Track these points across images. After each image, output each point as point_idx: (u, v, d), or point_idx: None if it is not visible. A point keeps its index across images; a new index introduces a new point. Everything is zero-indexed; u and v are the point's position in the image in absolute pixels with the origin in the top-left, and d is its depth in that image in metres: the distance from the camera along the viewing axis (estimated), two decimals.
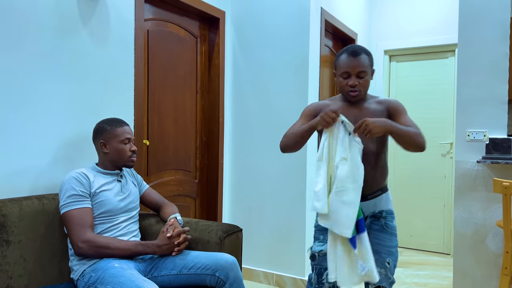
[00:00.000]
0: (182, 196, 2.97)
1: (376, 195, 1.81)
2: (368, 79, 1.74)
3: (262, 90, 3.14)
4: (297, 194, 3.01)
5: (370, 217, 1.81)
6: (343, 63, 1.73)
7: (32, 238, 1.74)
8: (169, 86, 2.81)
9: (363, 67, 1.71)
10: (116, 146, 1.89)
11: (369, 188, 1.77)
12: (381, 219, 1.81)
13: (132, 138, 1.94)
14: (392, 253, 1.80)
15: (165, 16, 2.78)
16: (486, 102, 2.56)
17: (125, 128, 1.91)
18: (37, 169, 1.94)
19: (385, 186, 1.85)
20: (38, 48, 1.93)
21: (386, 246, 1.79)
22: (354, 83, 1.71)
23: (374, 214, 1.81)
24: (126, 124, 1.94)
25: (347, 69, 1.72)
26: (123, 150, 1.89)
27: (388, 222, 1.81)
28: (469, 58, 2.63)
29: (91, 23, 2.17)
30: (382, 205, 1.82)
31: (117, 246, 1.72)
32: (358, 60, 1.70)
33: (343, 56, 1.74)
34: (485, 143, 2.53)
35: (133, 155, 1.93)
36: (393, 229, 1.82)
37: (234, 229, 1.99)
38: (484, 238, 2.57)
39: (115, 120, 1.93)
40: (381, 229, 1.80)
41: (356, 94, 1.73)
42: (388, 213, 1.83)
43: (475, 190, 2.58)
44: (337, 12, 3.51)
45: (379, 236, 1.79)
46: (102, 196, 1.82)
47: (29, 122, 1.90)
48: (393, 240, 1.81)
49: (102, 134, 1.90)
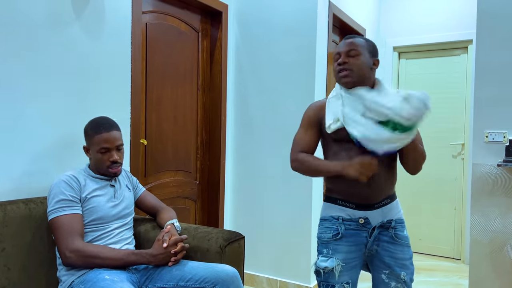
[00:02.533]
0: (182, 198, 2.83)
1: (384, 204, 1.64)
2: (363, 60, 1.56)
3: (266, 88, 2.99)
4: (302, 196, 2.87)
5: (378, 228, 1.62)
6: (336, 48, 1.62)
7: (17, 245, 1.62)
8: (169, 82, 2.67)
9: (354, 46, 1.56)
10: (94, 154, 1.73)
11: (376, 196, 1.60)
12: (390, 229, 1.63)
13: (113, 147, 1.72)
14: (406, 266, 1.63)
15: (165, 9, 2.64)
16: (506, 101, 2.41)
17: (104, 135, 1.70)
18: (23, 170, 1.80)
19: (393, 194, 1.69)
20: (26, 41, 1.79)
21: (399, 259, 1.62)
22: (343, 60, 1.55)
23: (382, 224, 1.63)
24: (109, 129, 1.71)
25: (338, 50, 1.59)
26: (100, 160, 1.72)
27: (398, 232, 1.64)
28: (487, 55, 2.47)
29: (84, 15, 2.03)
30: (390, 214, 1.65)
31: (108, 255, 1.59)
32: (349, 40, 1.58)
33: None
34: (505, 145, 2.38)
35: (112, 166, 1.74)
36: (404, 239, 1.65)
37: (236, 236, 1.85)
38: (502, 246, 2.42)
39: (100, 123, 1.73)
40: (391, 240, 1.63)
41: (345, 73, 1.55)
42: (397, 222, 1.66)
43: (493, 195, 2.43)
44: (346, 6, 3.36)
45: (390, 248, 1.63)
46: (93, 202, 1.68)
47: (16, 120, 1.76)
48: (405, 252, 1.63)
49: (85, 138, 1.76)
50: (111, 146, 1.72)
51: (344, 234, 1.60)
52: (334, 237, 1.61)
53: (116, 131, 1.74)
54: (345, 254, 1.60)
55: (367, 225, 1.60)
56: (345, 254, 1.60)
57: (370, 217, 1.60)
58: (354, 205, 1.61)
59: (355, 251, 1.61)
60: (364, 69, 1.56)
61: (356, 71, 1.55)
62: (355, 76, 1.55)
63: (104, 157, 1.72)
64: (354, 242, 1.61)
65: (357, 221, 1.60)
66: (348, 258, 1.60)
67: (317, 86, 2.86)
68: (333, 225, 1.62)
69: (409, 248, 1.65)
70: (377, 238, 1.62)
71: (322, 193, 3.03)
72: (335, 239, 1.61)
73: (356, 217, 1.60)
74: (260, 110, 3.02)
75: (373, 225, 1.61)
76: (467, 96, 3.84)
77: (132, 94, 2.29)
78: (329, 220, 1.64)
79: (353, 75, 1.55)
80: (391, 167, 1.65)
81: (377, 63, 1.61)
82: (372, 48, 1.60)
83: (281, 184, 2.94)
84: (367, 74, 1.57)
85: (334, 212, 1.64)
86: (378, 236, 1.62)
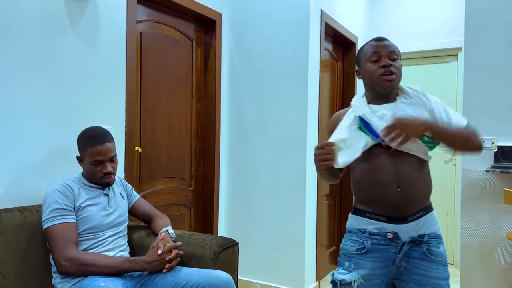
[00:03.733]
0: (177, 205, 2.85)
1: (418, 216, 1.46)
2: (400, 67, 1.48)
3: (259, 95, 3.03)
4: (296, 203, 2.89)
5: (409, 243, 1.45)
6: (370, 48, 1.49)
7: (12, 253, 1.62)
8: (163, 90, 2.70)
9: (393, 49, 1.47)
10: (87, 165, 1.75)
11: (409, 207, 1.44)
12: (423, 244, 1.45)
13: (106, 159, 1.73)
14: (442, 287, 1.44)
15: (159, 18, 2.67)
16: (494, 108, 2.46)
17: (97, 148, 1.71)
18: (19, 179, 1.82)
19: (429, 205, 1.50)
20: (22, 50, 1.81)
21: (432, 278, 1.43)
22: (387, 62, 1.44)
23: (414, 239, 1.45)
24: (102, 141, 1.72)
25: (376, 49, 1.47)
26: (93, 171, 1.75)
27: (432, 248, 1.45)
28: (475, 62, 2.53)
29: (79, 24, 2.05)
30: (424, 228, 1.47)
31: (103, 263, 1.60)
32: (388, 43, 1.48)
33: (369, 43, 1.51)
34: (493, 151, 2.43)
35: (106, 177, 1.76)
36: (439, 256, 1.45)
37: (230, 243, 1.87)
38: (492, 250, 2.46)
39: (92, 135, 1.74)
40: (423, 257, 1.45)
41: (392, 77, 1.43)
42: (432, 237, 1.47)
43: (483, 200, 2.47)
44: (338, 15, 3.41)
45: (422, 265, 1.45)
46: (87, 212, 1.70)
47: (11, 128, 1.78)
48: (440, 270, 1.44)
49: (78, 149, 1.78)
50: (104, 159, 1.73)
51: (371, 249, 1.47)
52: (358, 251, 1.49)
53: (109, 142, 1.75)
54: (369, 270, 1.46)
55: (396, 240, 1.45)
56: (369, 270, 1.46)
57: (400, 231, 1.45)
58: (385, 218, 1.46)
59: (381, 267, 1.47)
60: (401, 74, 1.50)
61: (399, 75, 1.47)
62: (398, 81, 1.48)
63: (97, 169, 1.73)
64: (381, 258, 1.47)
65: (385, 236, 1.46)
66: (371, 275, 1.46)
67: (310, 94, 2.90)
68: (359, 239, 1.49)
69: (445, 267, 1.47)
70: (407, 254, 1.46)
71: (316, 199, 3.05)
72: (359, 253, 1.48)
73: (385, 231, 1.46)
74: (253, 118, 3.05)
75: (403, 240, 1.45)
76: (458, 103, 3.89)
77: (127, 102, 2.31)
78: (355, 233, 1.52)
79: (397, 80, 1.47)
80: (422, 173, 1.48)
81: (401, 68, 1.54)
82: (400, 53, 1.53)
83: (275, 191, 2.97)
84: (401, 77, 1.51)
85: (361, 225, 1.51)
86: (408, 252, 1.45)
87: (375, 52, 1.47)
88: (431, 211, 1.51)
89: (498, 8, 2.47)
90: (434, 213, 1.53)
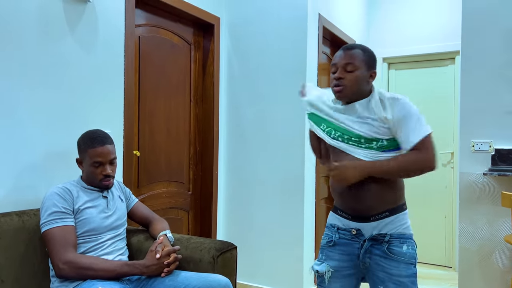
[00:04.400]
0: (175, 209, 2.85)
1: (382, 217, 1.53)
2: (359, 75, 1.50)
3: (258, 99, 3.04)
4: (294, 206, 2.89)
5: (369, 240, 1.54)
6: (333, 58, 1.58)
7: (11, 257, 1.62)
8: (162, 94, 2.70)
9: (351, 59, 1.50)
10: (87, 167, 1.76)
11: (368, 208, 1.53)
12: (384, 243, 1.52)
13: (106, 161, 1.74)
14: (404, 284, 1.50)
15: (158, 22, 2.68)
16: (491, 111, 2.47)
17: (97, 150, 1.72)
18: (16, 182, 1.82)
19: (395, 207, 1.54)
20: (20, 54, 1.81)
21: (394, 275, 1.50)
22: (339, 75, 1.51)
23: (374, 237, 1.54)
24: (103, 143, 1.73)
25: (334, 61, 1.55)
26: (93, 173, 1.75)
27: (392, 247, 1.51)
28: (472, 66, 2.54)
29: (78, 29, 2.06)
30: (387, 228, 1.53)
31: (101, 267, 1.60)
32: (347, 53, 1.52)
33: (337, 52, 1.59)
34: (491, 154, 2.44)
35: (105, 179, 1.76)
36: (401, 255, 1.51)
37: (228, 246, 1.87)
38: (490, 253, 2.46)
39: (93, 137, 1.75)
40: (383, 255, 1.53)
41: (338, 89, 1.51)
42: (394, 237, 1.53)
43: (480, 203, 2.48)
44: (335, 18, 3.43)
45: (382, 263, 1.53)
46: (86, 214, 1.69)
47: (9, 132, 1.78)
48: (401, 268, 1.50)
49: (78, 151, 1.78)
50: (104, 160, 1.74)
51: (338, 242, 1.61)
52: (327, 244, 1.63)
53: (110, 145, 1.76)
54: (337, 262, 1.60)
55: (360, 237, 1.57)
56: (337, 262, 1.60)
57: (363, 229, 1.56)
58: (350, 216, 1.58)
59: (348, 260, 1.59)
60: (360, 84, 1.52)
61: (351, 86, 1.51)
62: (349, 92, 1.52)
63: (97, 171, 1.74)
64: (347, 252, 1.59)
65: (350, 231, 1.59)
66: (340, 266, 1.59)
67: None
68: (330, 233, 1.64)
69: (410, 265, 1.52)
70: (369, 251, 1.55)
71: (314, 202, 3.06)
72: (329, 246, 1.63)
73: (350, 227, 1.59)
74: (252, 121, 3.06)
75: (365, 237, 1.55)
76: (455, 106, 3.91)
77: (125, 106, 2.31)
78: (328, 228, 1.67)
79: (347, 91, 1.52)
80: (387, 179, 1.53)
81: (374, 75, 1.55)
82: (370, 59, 1.54)
83: (273, 194, 2.97)
84: (363, 88, 1.53)
85: (333, 220, 1.65)
86: (370, 249, 1.55)
87: (334, 64, 1.56)
88: (399, 213, 1.56)
89: (495, 11, 2.49)
90: (403, 214, 1.57)
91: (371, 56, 1.56)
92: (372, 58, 1.56)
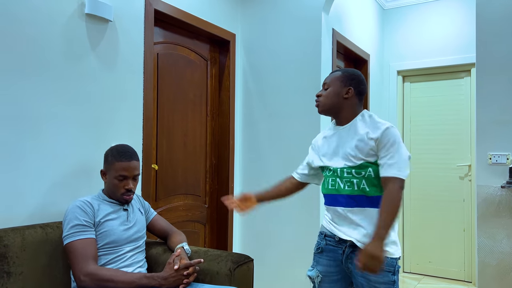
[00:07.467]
0: (192, 222, 2.89)
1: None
2: (331, 92, 1.72)
3: (273, 113, 3.08)
4: (310, 219, 2.90)
5: (349, 247, 1.66)
6: None
7: (34, 269, 1.67)
8: (179, 109, 2.77)
9: (327, 80, 1.75)
10: (111, 179, 1.80)
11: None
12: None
13: (131, 176, 1.80)
14: None
15: (175, 39, 2.76)
16: (508, 123, 2.45)
17: (123, 164, 1.78)
18: (40, 196, 1.88)
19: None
20: (47, 73, 1.90)
21: (372, 281, 1.59)
22: (317, 94, 1.77)
23: (353, 244, 1.64)
24: (130, 159, 1.79)
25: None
26: (116, 186, 1.80)
27: None
28: (488, 77, 2.54)
29: (99, 47, 2.14)
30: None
31: (121, 279, 1.64)
32: (328, 76, 1.78)
33: None
34: (509, 166, 2.41)
35: (126, 193, 1.81)
36: None
37: (245, 259, 1.89)
38: (510, 268, 2.42)
39: (122, 151, 1.81)
40: None
41: (316, 105, 1.78)
42: None
43: (499, 216, 2.45)
44: (349, 33, 3.46)
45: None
46: (107, 226, 1.74)
47: (35, 148, 1.85)
48: (379, 276, 1.58)
49: (105, 162, 1.83)
50: (129, 175, 1.79)
51: (325, 248, 1.74)
52: (317, 251, 1.77)
53: (136, 161, 1.82)
54: (326, 267, 1.73)
55: (343, 243, 1.68)
56: (326, 267, 1.73)
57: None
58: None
59: (335, 266, 1.71)
60: (332, 99, 1.71)
61: (323, 101, 1.74)
62: (322, 106, 1.75)
63: (120, 184, 1.79)
64: (333, 258, 1.71)
65: (334, 238, 1.71)
66: (328, 271, 1.72)
67: None
68: (319, 240, 1.78)
69: (387, 273, 1.59)
70: (350, 257, 1.66)
71: None
72: (318, 252, 1.76)
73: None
74: (267, 135, 3.10)
75: (346, 244, 1.67)
76: (472, 118, 3.88)
77: (144, 121, 2.38)
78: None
79: (320, 105, 1.75)
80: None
81: (350, 92, 1.70)
82: (346, 78, 1.71)
83: (289, 207, 2.98)
84: (338, 103, 1.71)
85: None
86: (350, 255, 1.66)
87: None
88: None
89: (509, 22, 2.49)
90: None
91: (349, 76, 1.72)
92: (350, 77, 1.72)
